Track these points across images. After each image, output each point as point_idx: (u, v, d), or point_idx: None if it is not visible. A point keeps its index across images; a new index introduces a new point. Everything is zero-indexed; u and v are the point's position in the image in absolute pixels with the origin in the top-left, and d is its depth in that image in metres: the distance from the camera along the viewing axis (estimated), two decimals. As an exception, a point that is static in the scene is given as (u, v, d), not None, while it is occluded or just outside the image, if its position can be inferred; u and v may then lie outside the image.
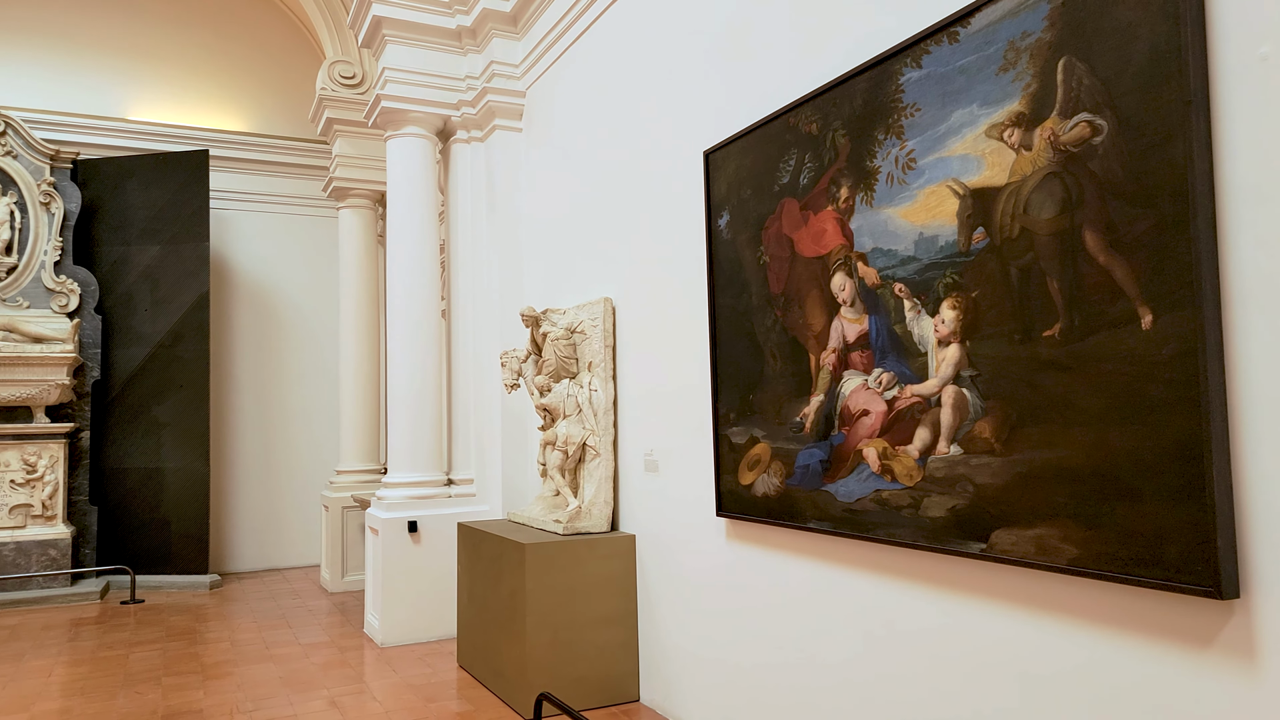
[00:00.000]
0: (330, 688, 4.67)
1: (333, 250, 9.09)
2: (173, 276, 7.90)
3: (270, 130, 8.96)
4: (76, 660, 5.32)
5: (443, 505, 5.75)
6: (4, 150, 7.45)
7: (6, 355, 7.04)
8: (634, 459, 4.47)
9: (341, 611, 6.58)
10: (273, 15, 9.07)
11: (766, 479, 3.29)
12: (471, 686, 4.65)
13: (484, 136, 6.02)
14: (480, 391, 5.90)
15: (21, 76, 8.05)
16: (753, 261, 3.40)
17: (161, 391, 7.83)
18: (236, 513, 8.58)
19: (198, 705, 4.42)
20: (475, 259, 5.98)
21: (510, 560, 4.39)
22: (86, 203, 7.92)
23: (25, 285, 7.47)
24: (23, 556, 7.07)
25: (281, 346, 8.89)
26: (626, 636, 4.34)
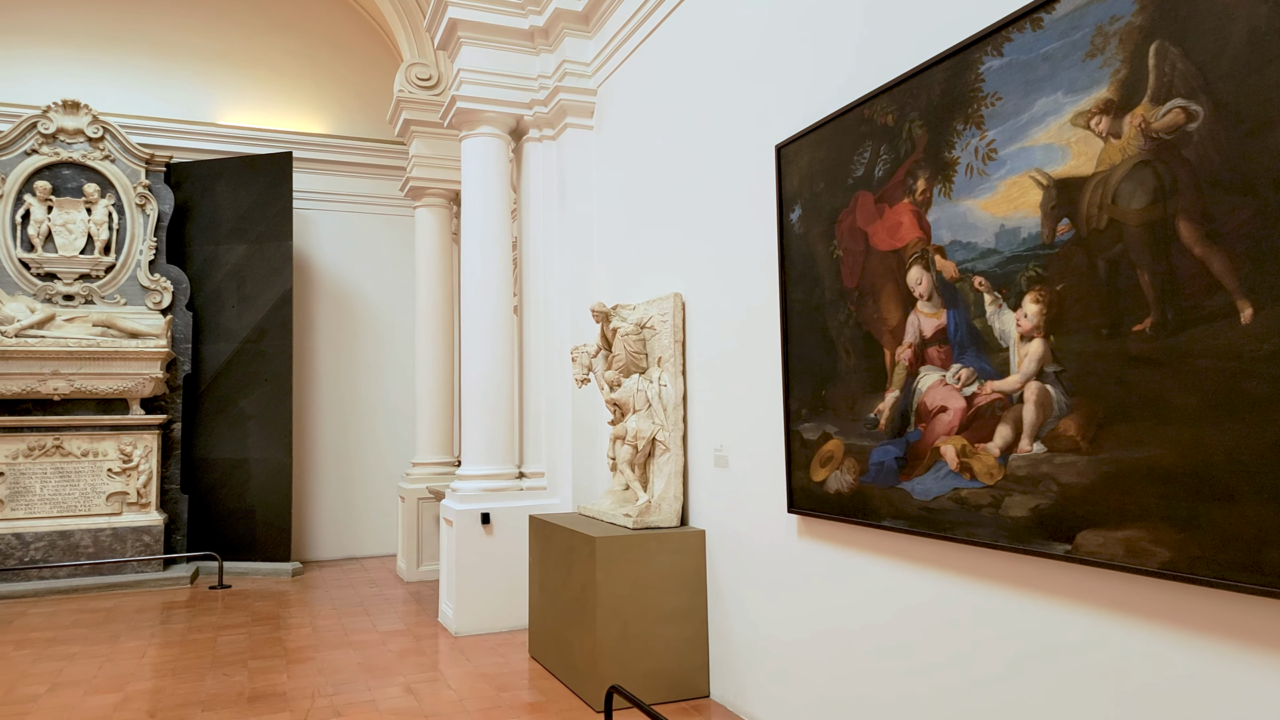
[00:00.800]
0: (406, 674, 4.80)
1: (409, 248, 9.31)
2: (258, 274, 8.21)
3: (350, 132, 9.23)
4: (168, 642, 5.59)
5: (514, 498, 5.85)
6: (103, 155, 7.86)
7: (105, 350, 7.42)
8: (703, 454, 4.47)
9: (417, 600, 6.75)
10: (353, 20, 9.34)
11: (839, 476, 3.25)
12: (542, 677, 4.72)
13: (555, 135, 6.08)
14: (551, 386, 5.98)
15: (119, 84, 8.48)
16: (825, 255, 3.36)
17: (247, 385, 8.15)
18: (316, 503, 8.88)
19: (281, 688, 4.59)
20: (547, 255, 6.06)
21: (581, 553, 4.44)
22: (179, 204, 8.30)
23: (122, 283, 7.87)
24: (119, 542, 7.45)
25: (360, 342, 9.15)
26: (696, 631, 4.34)
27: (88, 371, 7.41)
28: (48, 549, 7.24)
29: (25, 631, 5.88)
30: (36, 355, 7.24)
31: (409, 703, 4.32)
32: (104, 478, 7.52)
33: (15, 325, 7.24)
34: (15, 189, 7.57)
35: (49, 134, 7.67)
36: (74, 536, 7.32)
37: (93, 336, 7.48)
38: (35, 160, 7.63)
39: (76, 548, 7.32)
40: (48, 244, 7.65)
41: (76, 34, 8.38)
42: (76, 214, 7.74)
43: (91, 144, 7.82)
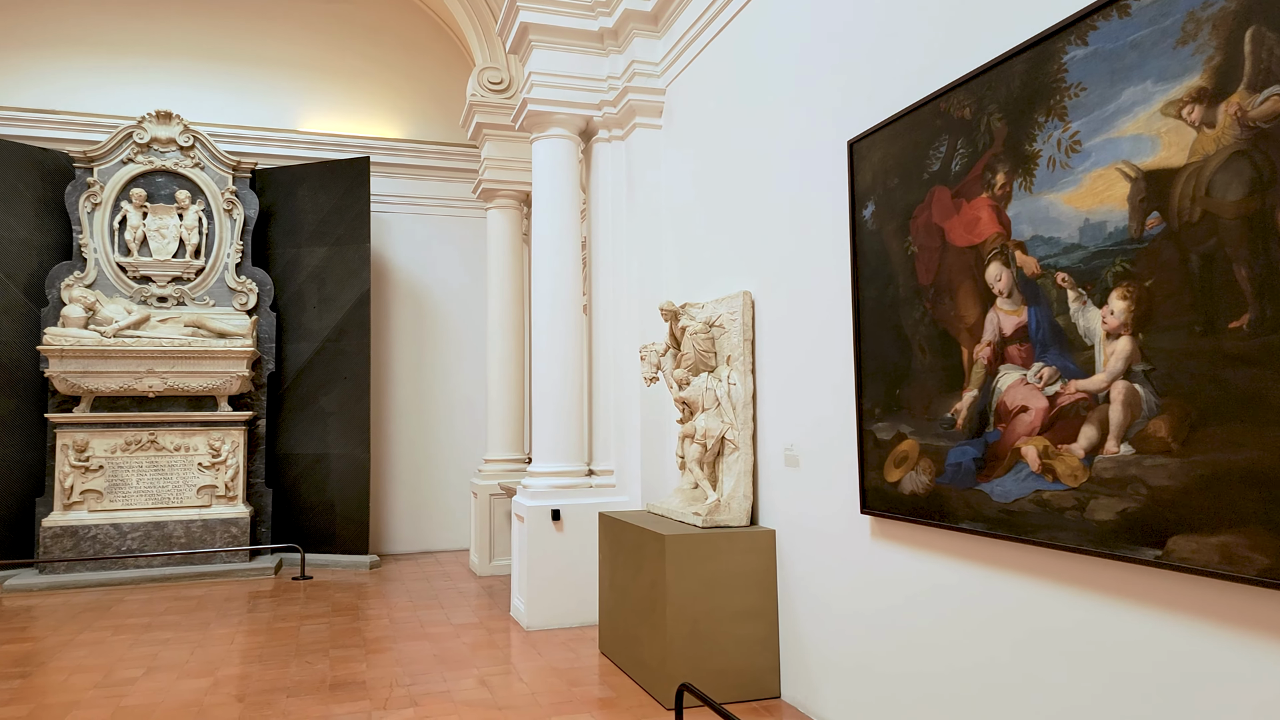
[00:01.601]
0: (480, 667, 4.90)
1: (481, 249, 9.49)
2: (337, 276, 8.48)
3: (425, 136, 9.45)
4: (254, 630, 5.82)
5: (584, 495, 5.90)
6: (193, 163, 8.22)
7: (195, 349, 7.77)
8: (773, 453, 4.44)
9: (489, 594, 6.88)
10: (428, 27, 9.56)
11: (914, 476, 3.19)
12: (613, 673, 4.76)
13: (624, 135, 6.12)
14: (620, 385, 6.02)
15: (207, 94, 8.85)
16: (900, 252, 3.31)
17: (327, 383, 8.42)
18: (393, 497, 9.12)
19: (361, 677, 4.74)
20: (615, 255, 6.10)
21: (650, 551, 4.46)
22: (263, 209, 8.63)
23: (211, 285, 8.22)
24: (208, 533, 7.79)
25: (434, 341, 9.37)
26: (767, 632, 4.32)
27: (180, 370, 7.77)
28: (143, 539, 7.62)
29: (123, 617, 6.20)
30: (133, 354, 7.62)
31: (483, 694, 4.41)
32: (195, 471, 7.87)
33: (114, 326, 7.64)
34: (113, 197, 7.98)
35: (143, 143, 8.06)
36: (167, 527, 7.69)
37: (184, 336, 7.84)
38: (131, 169, 8.04)
39: (169, 538, 7.68)
40: (143, 248, 8.05)
41: (168, 46, 8.78)
42: (169, 219, 8.12)
43: (183, 152, 8.19)
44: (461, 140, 9.46)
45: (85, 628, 5.88)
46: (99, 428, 7.66)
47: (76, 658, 5.15)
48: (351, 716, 4.10)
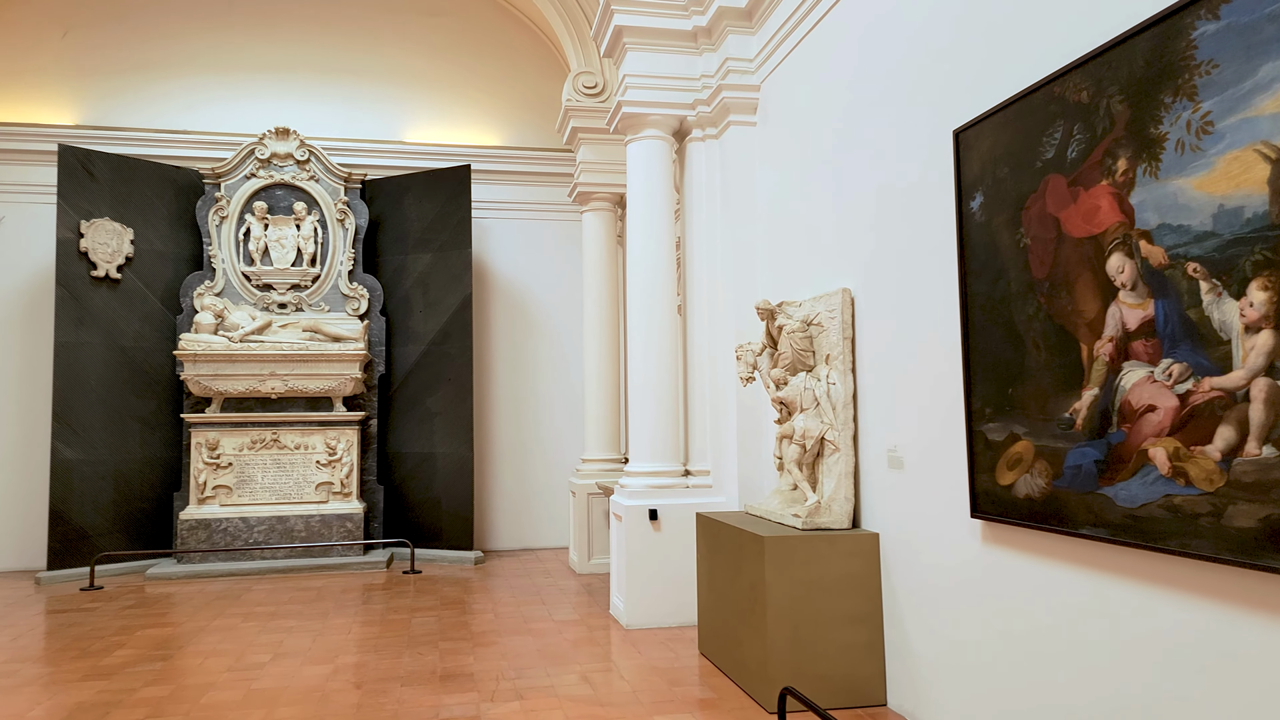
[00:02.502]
0: (581, 664, 4.97)
1: (577, 252, 9.63)
2: (441, 281, 8.76)
3: (522, 143, 9.65)
4: (369, 621, 6.07)
5: (681, 495, 5.91)
6: (309, 176, 8.65)
7: (313, 353, 8.17)
8: (876, 454, 4.34)
9: (589, 592, 6.97)
10: (525, 36, 9.76)
11: (1029, 479, 3.05)
12: (713, 674, 4.75)
13: (718, 134, 6.09)
14: (715, 384, 5.99)
15: (321, 110, 9.29)
16: (1011, 245, 3.17)
17: (433, 384, 8.71)
18: (495, 495, 9.36)
19: (469, 669, 4.88)
20: (710, 254, 6.08)
21: (749, 552, 4.42)
22: (373, 218, 8.99)
23: (326, 292, 8.62)
24: (326, 527, 8.18)
25: (533, 342, 9.57)
26: (871, 637, 4.22)
27: (299, 373, 8.18)
28: (267, 532, 8.06)
29: (251, 606, 6.57)
30: (257, 358, 8.08)
31: (585, 691, 4.47)
32: (313, 469, 8.28)
33: (240, 331, 8.11)
34: (238, 210, 8.48)
35: (264, 159, 8.53)
36: (289, 521, 8.11)
37: (302, 341, 8.25)
38: (253, 183, 8.52)
39: (291, 531, 8.10)
40: (264, 258, 8.52)
41: (285, 65, 9.26)
42: (288, 230, 8.56)
43: (299, 166, 8.62)
44: (557, 145, 9.62)
45: (218, 614, 6.27)
46: (228, 427, 8.15)
47: (211, 642, 5.50)
48: (461, 707, 4.23)
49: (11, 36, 8.73)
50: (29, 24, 8.77)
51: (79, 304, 7.97)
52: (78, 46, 8.85)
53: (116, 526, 8.06)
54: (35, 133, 8.57)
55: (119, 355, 8.15)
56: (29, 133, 8.56)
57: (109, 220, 8.12)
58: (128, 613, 6.41)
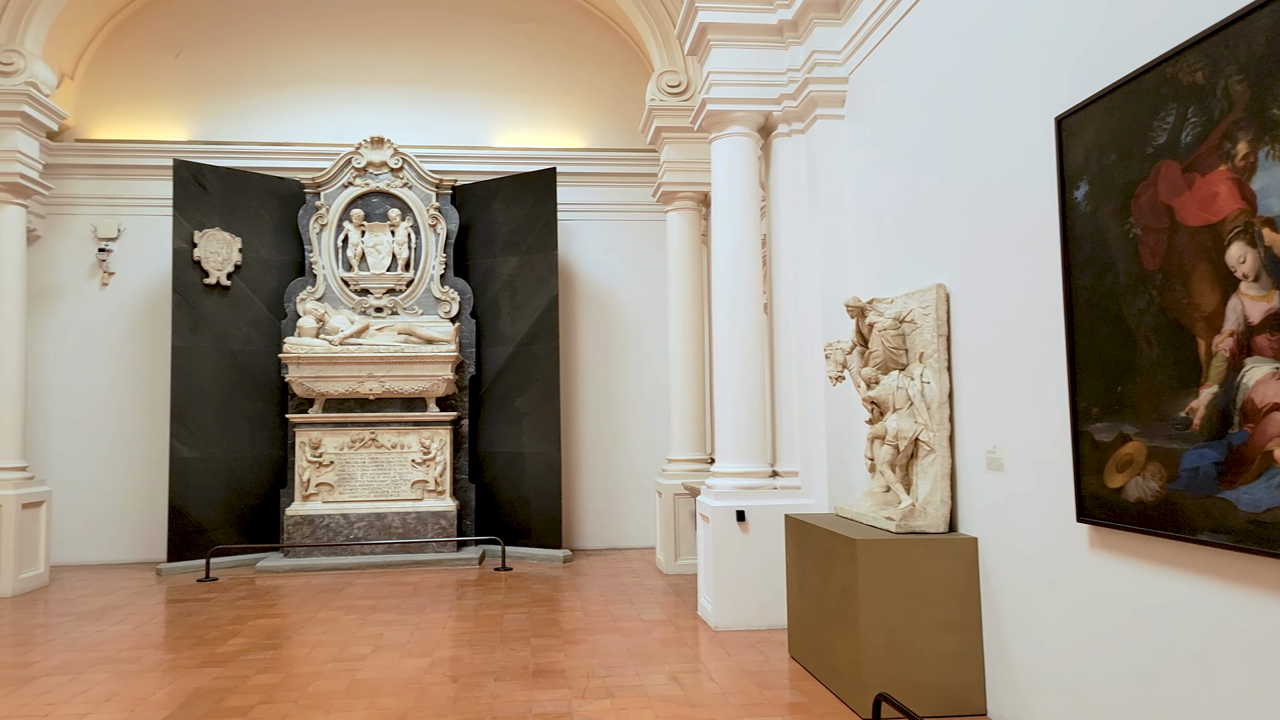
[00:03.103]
0: (670, 664, 4.97)
1: (661, 251, 9.64)
2: (528, 283, 8.91)
3: (606, 144, 9.74)
4: (463, 616, 6.23)
5: (768, 496, 5.85)
6: (402, 183, 8.93)
7: (407, 355, 8.44)
8: (973, 456, 4.19)
9: (676, 593, 6.97)
10: (608, 37, 9.85)
11: (1141, 482, 2.90)
12: (804, 679, 4.68)
13: (805, 128, 6.00)
14: (803, 384, 5.91)
15: (413, 118, 9.58)
16: (1119, 235, 3.02)
17: (521, 385, 8.87)
18: (582, 494, 9.47)
19: (560, 666, 4.95)
20: (797, 251, 6.00)
21: (841, 556, 4.34)
22: (463, 223, 9.22)
23: (419, 296, 8.89)
24: (421, 524, 8.43)
25: (618, 343, 9.63)
26: (969, 645, 4.09)
27: (395, 374, 8.46)
28: (366, 528, 8.37)
29: (352, 599, 6.83)
30: (355, 360, 8.39)
31: (674, 691, 4.47)
32: (408, 467, 8.55)
33: (340, 335, 8.45)
34: (336, 218, 8.83)
35: (360, 168, 8.86)
36: (387, 518, 8.40)
37: (397, 343, 8.53)
38: (351, 191, 8.85)
39: (389, 528, 8.38)
40: (361, 264, 8.84)
41: (379, 75, 9.59)
42: (383, 236, 8.87)
43: (393, 174, 8.92)
44: (640, 145, 9.65)
45: (322, 607, 6.54)
46: (329, 427, 8.49)
47: (316, 634, 5.74)
48: (553, 703, 4.29)
49: (131, 60, 9.31)
50: (146, 47, 9.33)
51: (193, 310, 8.44)
52: (189, 66, 9.38)
53: (229, 521, 8.50)
54: (152, 149, 9.11)
55: (229, 359, 8.60)
56: (146, 149, 9.11)
57: (219, 230, 8.58)
58: (240, 603, 6.75)
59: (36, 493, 7.70)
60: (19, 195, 7.76)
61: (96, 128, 9.22)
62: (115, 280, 9.04)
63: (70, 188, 9.03)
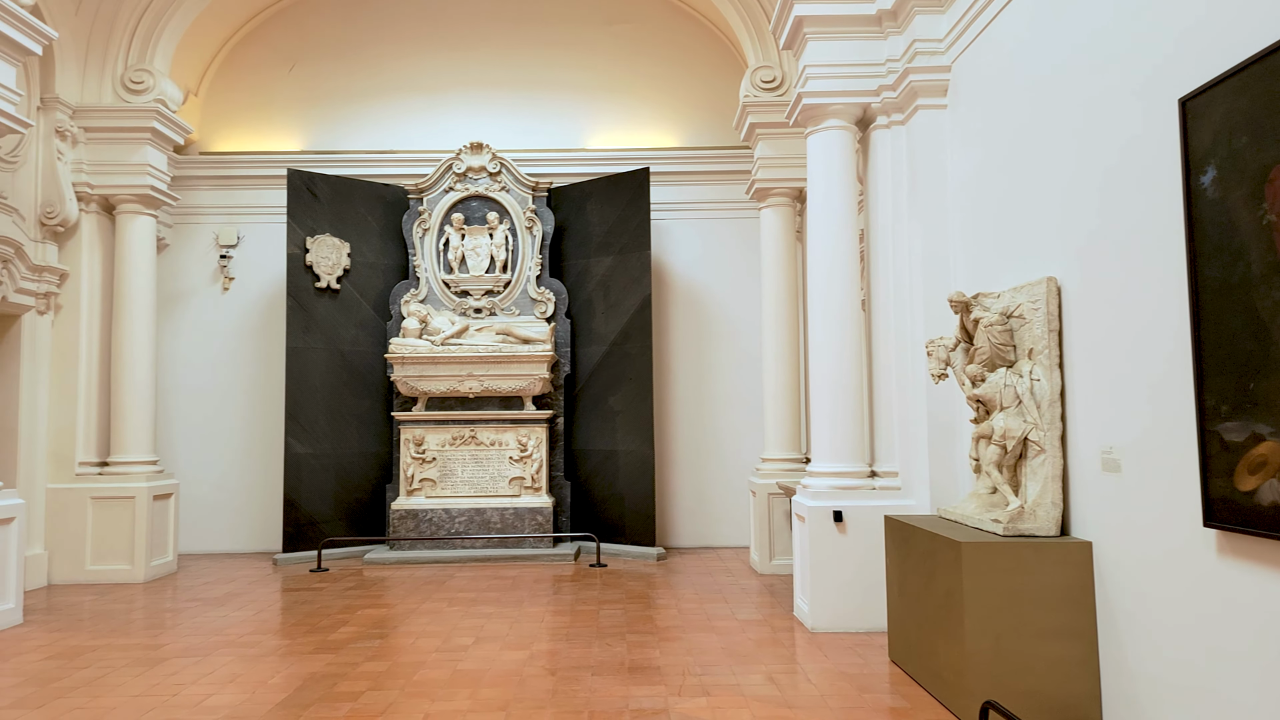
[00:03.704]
0: (766, 664, 4.93)
1: (754, 249, 9.56)
2: (621, 283, 8.99)
3: (698, 142, 9.73)
4: (559, 610, 6.33)
5: (867, 497, 5.73)
6: (500, 187, 9.15)
7: (505, 355, 8.64)
8: (1087, 456, 4.00)
9: (771, 593, 6.90)
10: (701, 35, 9.84)
11: (1276, 485, 2.71)
12: (905, 683, 4.57)
13: (905, 119, 5.85)
14: (903, 382, 5.76)
15: (510, 123, 9.81)
16: (1251, 223, 2.83)
17: (614, 384, 8.96)
18: (675, 493, 9.49)
19: (656, 663, 4.97)
20: (896, 246, 5.86)
21: (944, 558, 4.22)
22: (558, 224, 9.39)
23: (516, 297, 9.10)
24: (519, 520, 8.62)
25: (711, 341, 9.61)
26: (1084, 654, 3.91)
27: (493, 373, 8.68)
28: (467, 523, 8.61)
29: (454, 591, 7.04)
30: (456, 360, 8.65)
31: (771, 691, 4.43)
32: (506, 464, 8.75)
33: (441, 335, 8.72)
34: (438, 222, 9.12)
35: (460, 173, 9.13)
36: (486, 513, 8.62)
37: (495, 344, 8.75)
38: (451, 196, 9.13)
39: (488, 523, 8.61)
40: (461, 266, 9.11)
41: (476, 83, 9.85)
42: (482, 239, 9.11)
43: (491, 178, 9.15)
44: (734, 143, 9.60)
45: (426, 598, 6.77)
46: (431, 424, 8.78)
47: (420, 624, 5.94)
48: (650, 699, 4.32)
49: (249, 75, 9.85)
50: (263, 63, 9.86)
51: (305, 313, 8.86)
52: (302, 79, 9.85)
53: (338, 514, 8.89)
54: (268, 159, 9.62)
55: (338, 359, 8.99)
56: (263, 160, 9.62)
57: (330, 236, 8.98)
58: (350, 593, 7.05)
59: (166, 485, 8.23)
60: (149, 206, 8.31)
61: (218, 141, 9.79)
62: (235, 285, 9.58)
63: (195, 198, 9.61)
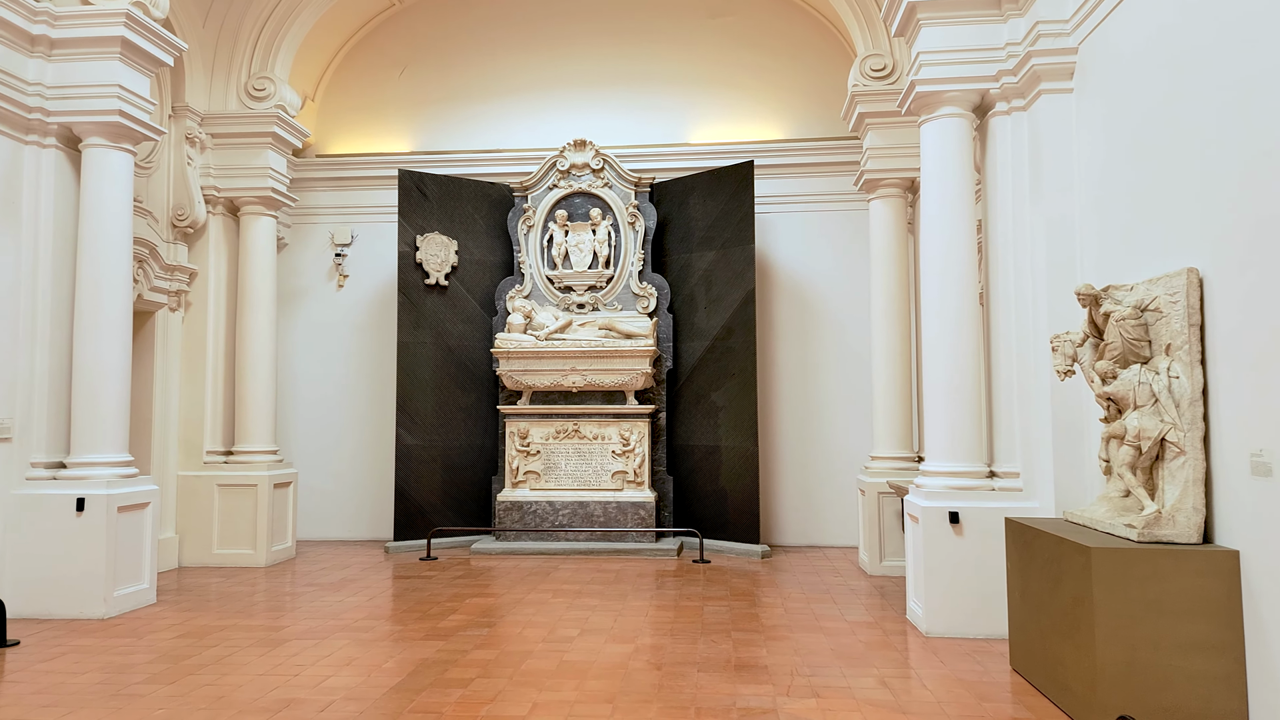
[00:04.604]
0: (878, 668, 4.80)
1: (861, 242, 9.31)
2: (724, 278, 8.92)
3: (804, 134, 9.56)
4: (663, 605, 6.33)
5: (985, 498, 5.50)
6: (603, 183, 9.22)
7: (608, 349, 8.70)
8: (1234, 459, 3.72)
9: (881, 595, 6.72)
10: (807, 25, 9.66)
11: None
12: (1028, 693, 4.36)
13: (1026, 105, 5.59)
14: (1024, 379, 5.51)
15: (612, 119, 9.86)
16: None
17: (717, 379, 8.90)
18: (780, 490, 9.36)
19: (763, 662, 4.91)
20: (1017, 237, 5.60)
21: (1072, 564, 4.01)
22: (660, 219, 9.39)
23: (618, 292, 9.15)
24: (621, 514, 8.67)
25: (816, 336, 9.43)
26: (1229, 669, 3.64)
27: (595, 368, 8.76)
28: (570, 515, 8.72)
29: (559, 583, 7.14)
30: (560, 355, 8.77)
31: (884, 696, 4.31)
32: (608, 458, 8.82)
33: (545, 330, 8.86)
34: (542, 219, 9.26)
35: (564, 170, 9.24)
36: (589, 507, 8.71)
37: (598, 338, 8.82)
38: (555, 193, 9.26)
39: (590, 516, 8.69)
40: (565, 262, 9.23)
41: (579, 80, 9.95)
42: (584, 235, 9.20)
43: (594, 174, 9.23)
44: (841, 134, 9.38)
45: (531, 589, 6.89)
46: (535, 418, 8.93)
47: (526, 614, 6.05)
48: (757, 698, 4.26)
49: (362, 80, 10.23)
50: (375, 67, 10.22)
51: (415, 309, 9.15)
52: (411, 82, 10.17)
53: (446, 504, 9.15)
54: (379, 160, 9.97)
55: (446, 353, 9.25)
56: (375, 161, 9.98)
57: (438, 234, 9.24)
58: (458, 582, 7.24)
59: (285, 474, 8.64)
60: (270, 207, 8.73)
61: (333, 143, 10.21)
62: (349, 282, 9.97)
63: (311, 199, 10.05)
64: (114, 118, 6.25)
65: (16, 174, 6.21)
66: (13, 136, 6.17)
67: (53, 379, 6.33)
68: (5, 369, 6.07)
